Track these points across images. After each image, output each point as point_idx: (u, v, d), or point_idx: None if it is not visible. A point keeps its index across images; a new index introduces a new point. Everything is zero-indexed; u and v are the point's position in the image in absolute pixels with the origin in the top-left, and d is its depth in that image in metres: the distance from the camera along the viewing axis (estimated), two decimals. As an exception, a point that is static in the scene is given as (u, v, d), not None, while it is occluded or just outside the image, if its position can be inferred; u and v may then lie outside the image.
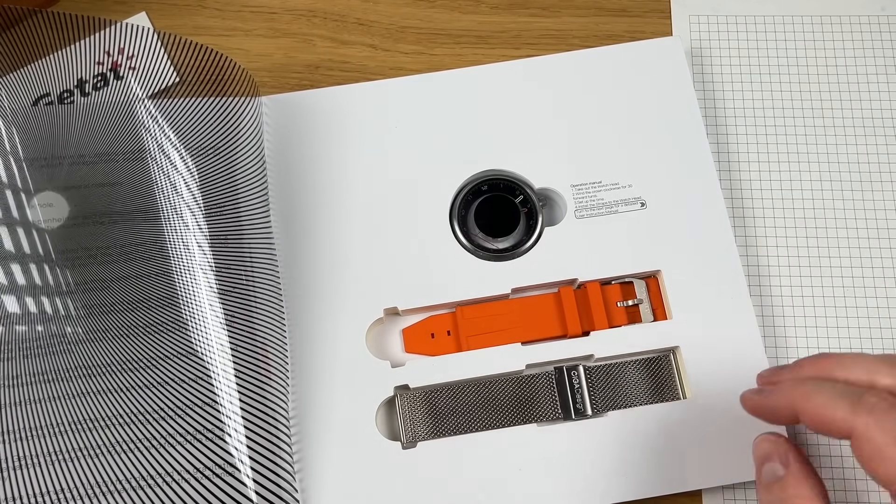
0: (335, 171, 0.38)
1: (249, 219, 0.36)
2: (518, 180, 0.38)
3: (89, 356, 0.33)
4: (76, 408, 0.32)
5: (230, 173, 0.36)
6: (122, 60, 0.38)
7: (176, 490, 0.31)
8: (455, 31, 0.43)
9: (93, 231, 0.35)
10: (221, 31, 0.43)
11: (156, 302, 0.34)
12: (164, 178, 0.36)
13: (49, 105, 0.37)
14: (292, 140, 0.38)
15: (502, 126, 0.39)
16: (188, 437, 0.32)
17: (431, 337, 0.36)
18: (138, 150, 0.36)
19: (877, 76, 0.41)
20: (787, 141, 0.40)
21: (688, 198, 0.37)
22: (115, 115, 0.37)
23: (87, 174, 0.36)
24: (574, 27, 0.43)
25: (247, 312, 0.34)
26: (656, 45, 0.40)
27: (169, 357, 0.33)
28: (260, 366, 0.33)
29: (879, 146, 0.40)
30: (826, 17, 0.42)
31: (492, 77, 0.39)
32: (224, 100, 0.37)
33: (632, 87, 0.39)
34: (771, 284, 0.38)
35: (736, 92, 0.41)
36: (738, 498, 0.35)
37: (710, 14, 0.43)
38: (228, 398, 0.32)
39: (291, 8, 0.44)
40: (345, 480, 0.33)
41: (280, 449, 0.32)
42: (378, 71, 0.42)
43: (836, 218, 0.39)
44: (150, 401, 0.32)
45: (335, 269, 0.36)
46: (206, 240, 0.35)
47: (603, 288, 0.36)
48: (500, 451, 0.34)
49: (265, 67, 0.42)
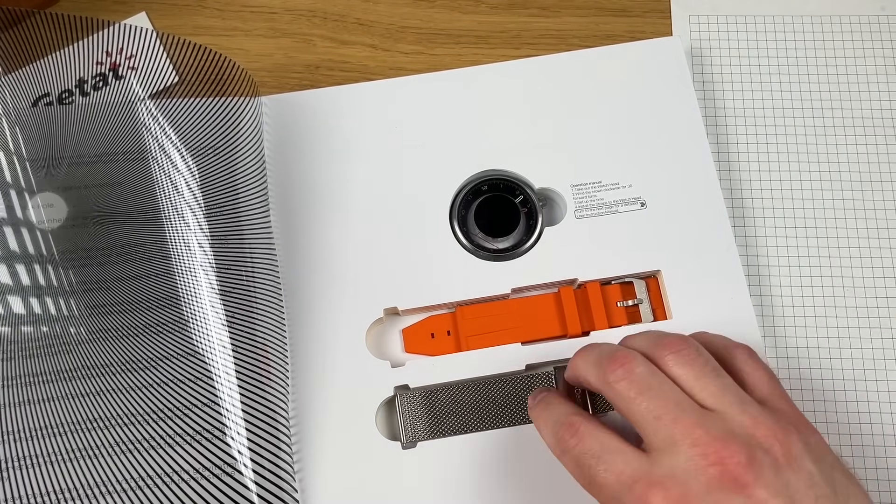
0: (335, 171, 0.38)
1: (249, 219, 0.36)
2: (518, 180, 0.38)
3: (88, 357, 0.33)
4: (76, 408, 0.32)
5: (230, 173, 0.36)
6: (122, 60, 0.38)
7: (175, 490, 0.31)
8: (455, 31, 0.43)
9: (92, 231, 0.35)
10: (221, 31, 0.43)
11: (155, 302, 0.34)
12: (163, 178, 0.36)
13: (49, 105, 0.37)
14: (292, 140, 0.38)
15: (502, 126, 0.39)
16: (187, 438, 0.32)
17: (431, 337, 0.36)
18: (138, 151, 0.36)
19: (877, 76, 0.41)
20: (787, 141, 0.40)
21: (688, 198, 0.37)
22: (114, 116, 0.37)
23: (87, 174, 0.36)
24: (574, 27, 0.43)
25: (247, 312, 0.34)
26: (656, 45, 0.40)
27: (168, 357, 0.33)
28: (260, 366, 0.33)
29: (879, 146, 0.40)
30: (826, 16, 0.42)
31: (492, 77, 0.39)
32: (224, 100, 0.37)
33: (632, 87, 0.39)
34: (771, 284, 0.38)
35: (736, 92, 0.41)
36: (738, 498, 0.35)
37: (709, 14, 0.43)
38: (228, 398, 0.32)
39: (291, 8, 0.44)
40: (345, 480, 0.33)
41: (280, 449, 0.32)
42: (378, 71, 0.42)
43: (836, 218, 0.39)
44: (148, 401, 0.32)
45: (335, 269, 0.36)
46: (206, 240, 0.35)
47: (603, 288, 0.36)
48: (500, 451, 0.34)
49: (265, 67, 0.42)
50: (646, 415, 0.25)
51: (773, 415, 0.25)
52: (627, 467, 0.25)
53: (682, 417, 0.25)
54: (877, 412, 0.36)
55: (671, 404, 0.25)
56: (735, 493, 0.23)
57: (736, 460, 0.23)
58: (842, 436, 0.35)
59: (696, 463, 0.24)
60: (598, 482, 0.26)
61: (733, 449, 0.24)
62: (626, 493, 0.24)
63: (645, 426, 0.26)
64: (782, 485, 0.23)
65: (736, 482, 0.23)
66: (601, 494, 0.26)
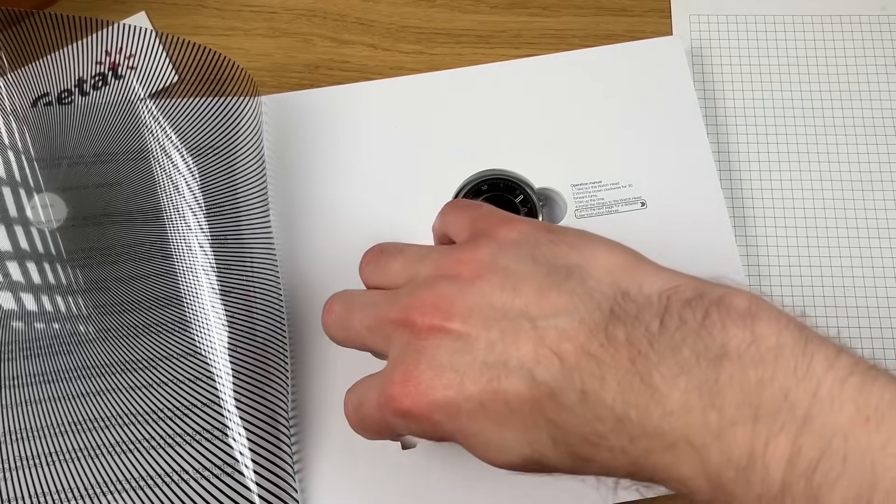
0: (335, 170, 0.38)
1: (249, 218, 0.36)
2: (518, 180, 0.38)
3: (88, 357, 0.33)
4: (75, 408, 0.32)
5: (230, 173, 0.36)
6: (122, 60, 0.38)
7: (176, 490, 0.31)
8: (455, 30, 0.43)
9: (92, 231, 0.35)
10: (221, 31, 0.43)
11: (154, 302, 0.34)
12: (163, 177, 0.36)
13: (48, 105, 0.37)
14: (292, 139, 0.38)
15: (502, 126, 0.39)
16: (187, 438, 0.32)
17: (431, 337, 0.36)
18: (138, 150, 0.36)
19: (877, 76, 0.41)
20: (787, 141, 0.40)
21: (688, 198, 0.37)
22: (114, 116, 0.37)
23: (86, 174, 0.36)
24: (574, 27, 0.43)
25: (247, 312, 0.34)
26: (656, 45, 0.40)
27: (167, 358, 0.33)
28: (260, 366, 0.33)
29: (880, 146, 0.40)
30: (826, 16, 0.42)
31: (492, 77, 0.39)
32: (224, 99, 0.37)
33: (632, 87, 0.39)
34: (771, 284, 0.38)
35: (736, 92, 0.41)
36: (738, 498, 0.35)
37: (710, 14, 0.43)
38: (228, 398, 0.32)
39: (291, 7, 0.44)
40: (345, 480, 0.33)
41: (280, 449, 0.32)
42: (378, 71, 0.42)
43: (836, 217, 0.39)
44: (148, 401, 0.32)
45: (335, 268, 0.36)
46: (206, 239, 0.35)
47: (603, 288, 0.36)
48: (501, 451, 0.34)
49: (265, 67, 0.42)
50: (363, 335, 0.26)
51: (458, 248, 0.26)
52: (373, 391, 0.25)
53: (376, 314, 0.26)
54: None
55: (367, 310, 0.26)
56: (435, 336, 0.23)
57: (417, 314, 0.24)
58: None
59: (400, 340, 0.24)
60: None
61: (411, 306, 0.24)
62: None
63: (369, 345, 0.27)
64: (472, 303, 0.23)
65: (431, 328, 0.23)
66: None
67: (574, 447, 0.22)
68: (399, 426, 0.25)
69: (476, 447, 0.23)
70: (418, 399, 0.23)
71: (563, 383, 0.21)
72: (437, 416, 0.23)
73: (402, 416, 0.24)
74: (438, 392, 0.23)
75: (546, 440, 0.22)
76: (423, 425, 0.24)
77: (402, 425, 0.24)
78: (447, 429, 0.23)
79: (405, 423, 0.24)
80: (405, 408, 0.23)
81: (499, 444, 0.23)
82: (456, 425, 0.23)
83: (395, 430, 0.26)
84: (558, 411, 0.21)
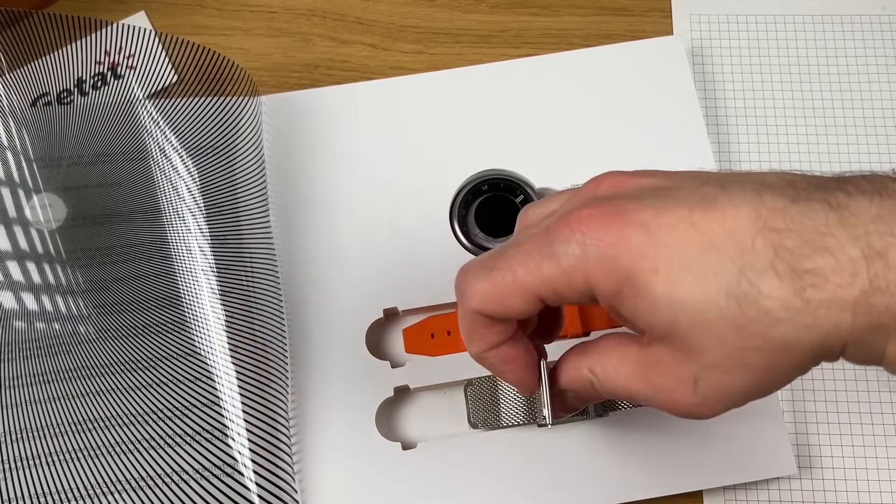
0: (335, 170, 0.38)
1: (249, 218, 0.36)
2: (518, 180, 0.38)
3: (87, 357, 0.33)
4: (75, 408, 0.32)
5: (229, 173, 0.36)
6: (121, 60, 0.38)
7: (176, 491, 0.31)
8: (455, 30, 0.43)
9: (91, 231, 0.35)
10: (221, 31, 0.43)
11: (154, 302, 0.34)
12: (163, 177, 0.36)
13: (47, 105, 0.37)
14: (292, 139, 0.38)
15: (502, 126, 0.39)
16: (187, 438, 0.32)
17: (431, 337, 0.36)
18: (137, 150, 0.36)
19: (878, 76, 0.41)
20: (787, 141, 0.40)
21: (688, 198, 0.37)
22: (114, 115, 0.37)
23: (86, 174, 0.36)
24: (574, 26, 0.43)
25: (247, 312, 0.34)
26: (657, 45, 0.40)
27: (167, 358, 0.33)
28: (260, 366, 0.33)
29: (881, 146, 0.40)
30: (827, 16, 0.42)
31: (492, 77, 0.39)
32: (223, 99, 0.37)
33: (632, 87, 0.39)
34: (771, 284, 0.38)
35: (737, 91, 0.41)
36: (738, 498, 0.35)
37: (710, 13, 0.43)
38: (228, 398, 0.32)
39: (291, 7, 0.44)
40: (344, 481, 0.33)
41: (280, 449, 0.32)
42: (378, 70, 0.42)
43: (836, 218, 0.39)
44: (148, 402, 0.32)
45: (335, 269, 0.36)
46: (206, 239, 0.35)
47: (603, 288, 0.36)
48: (501, 450, 0.34)
49: (264, 67, 0.42)
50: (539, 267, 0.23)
51: (578, 190, 0.25)
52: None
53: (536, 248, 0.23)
54: (878, 412, 0.36)
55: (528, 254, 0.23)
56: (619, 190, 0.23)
57: (597, 202, 0.22)
58: (843, 436, 0.35)
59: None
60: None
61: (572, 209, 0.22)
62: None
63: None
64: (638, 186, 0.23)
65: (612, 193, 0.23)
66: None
67: (799, 261, 0.20)
68: (565, 255, 0.22)
69: (656, 283, 0.20)
70: (613, 215, 0.21)
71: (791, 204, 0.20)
72: (629, 230, 0.21)
73: (587, 229, 0.21)
74: (634, 213, 0.21)
75: (764, 265, 0.20)
76: (607, 245, 0.21)
77: (575, 252, 0.21)
78: (634, 248, 0.21)
79: (581, 244, 0.21)
80: (596, 217, 0.21)
81: (700, 270, 0.20)
82: (650, 241, 0.20)
83: (543, 274, 0.22)
84: (786, 223, 0.20)
